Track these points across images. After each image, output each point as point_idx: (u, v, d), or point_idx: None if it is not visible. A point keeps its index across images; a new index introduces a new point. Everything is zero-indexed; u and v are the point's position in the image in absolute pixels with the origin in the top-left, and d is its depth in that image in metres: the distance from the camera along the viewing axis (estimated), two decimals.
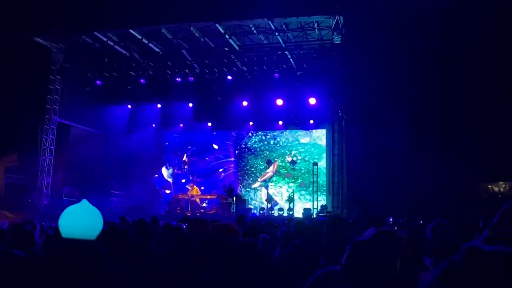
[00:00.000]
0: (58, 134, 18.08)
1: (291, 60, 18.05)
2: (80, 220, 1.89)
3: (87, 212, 1.93)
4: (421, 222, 7.44)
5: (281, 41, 16.70)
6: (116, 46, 17.90)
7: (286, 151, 20.98)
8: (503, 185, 15.76)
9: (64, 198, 17.69)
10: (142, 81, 19.39)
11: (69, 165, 18.81)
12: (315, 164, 19.04)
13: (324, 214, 15.81)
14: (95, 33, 16.61)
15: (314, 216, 16.34)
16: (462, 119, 14.46)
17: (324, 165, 19.94)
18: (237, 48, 17.26)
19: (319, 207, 17.65)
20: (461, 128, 14.41)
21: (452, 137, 14.47)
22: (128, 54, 18.54)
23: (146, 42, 17.43)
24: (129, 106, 20.79)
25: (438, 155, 13.97)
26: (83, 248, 1.82)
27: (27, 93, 16.07)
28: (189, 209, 17.70)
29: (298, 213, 17.87)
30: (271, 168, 20.84)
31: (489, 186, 15.66)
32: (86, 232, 1.86)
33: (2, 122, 15.31)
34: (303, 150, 20.76)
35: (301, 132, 20.80)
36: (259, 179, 21.04)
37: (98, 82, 19.07)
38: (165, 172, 22.44)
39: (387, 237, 2.03)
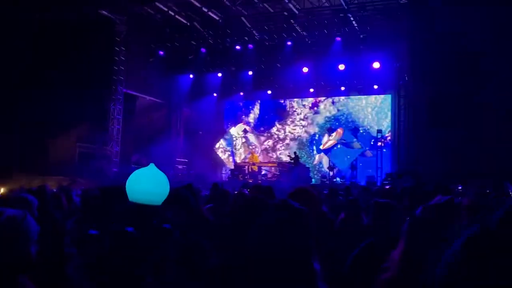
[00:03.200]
0: (125, 104, 18.74)
1: (353, 22, 17.31)
2: (147, 184, 1.86)
3: (154, 177, 1.90)
4: (487, 191, 7.06)
5: (343, 2, 16.02)
6: (177, 16, 18.06)
7: (349, 118, 20.46)
8: None
9: (133, 166, 18.45)
10: (203, 50, 19.51)
11: (136, 134, 19.53)
12: (379, 131, 18.44)
13: (389, 181, 15.37)
14: (156, 3, 16.80)
15: (379, 184, 15.94)
16: None
17: (389, 132, 19.28)
18: (297, 12, 16.79)
19: (383, 175, 17.19)
20: None
21: None
22: (188, 24, 18.67)
23: (206, 10, 17.41)
24: (191, 76, 21.08)
25: (508, 122, 13.00)
26: (149, 214, 1.78)
27: (94, 65, 16.65)
28: (251, 176, 17.87)
29: (361, 181, 17.52)
30: (333, 135, 20.47)
31: None
32: (152, 197, 1.83)
33: (73, 94, 16.05)
34: (366, 116, 20.14)
35: (365, 98, 20.13)
36: (321, 147, 20.77)
37: (161, 53, 19.42)
38: (226, 140, 22.75)
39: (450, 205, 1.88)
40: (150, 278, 1.66)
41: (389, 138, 19.30)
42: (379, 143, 18.26)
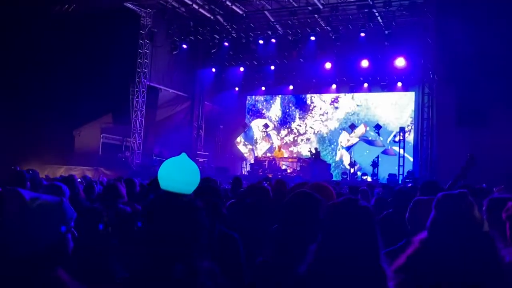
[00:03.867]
0: (148, 96, 18.91)
1: (378, 18, 17.09)
2: (179, 173, 1.89)
3: (185, 166, 1.93)
4: None
5: None
6: (200, 9, 18.11)
7: (369, 115, 20.25)
8: None
9: (155, 158, 18.67)
10: (226, 44, 19.53)
11: (158, 126, 19.73)
12: (402, 129, 18.21)
13: (410, 180, 15.20)
14: None
15: (400, 182, 15.78)
16: None
17: (412, 130, 19.03)
18: (321, 7, 16.64)
19: (405, 173, 16.99)
20: None
21: None
22: (212, 17, 18.69)
23: (230, 4, 17.41)
24: (213, 70, 21.15)
25: None
26: (180, 202, 1.78)
27: (119, 57, 16.86)
28: (270, 171, 17.88)
29: (383, 179, 17.35)
30: (356, 131, 20.30)
31: None
32: (184, 186, 1.86)
33: (97, 85, 16.29)
34: (387, 113, 19.89)
35: (388, 95, 19.88)
36: (343, 144, 20.63)
37: (184, 46, 19.52)
38: (247, 134, 22.80)
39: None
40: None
41: (411, 136, 19.03)
42: (397, 139, 18.02)
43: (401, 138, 17.67)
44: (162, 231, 1.66)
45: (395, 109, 19.71)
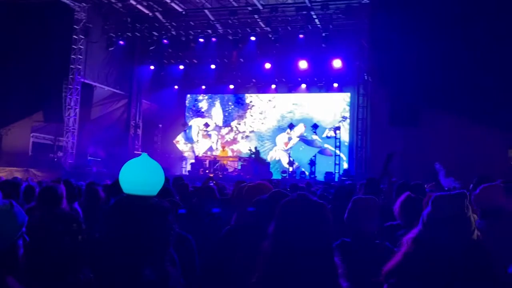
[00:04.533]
0: (82, 94, 18.15)
1: (316, 20, 17.55)
2: (142, 175, 1.82)
3: (148, 167, 1.87)
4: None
5: (306, 0, 16.20)
6: (138, 6, 17.68)
7: (306, 115, 20.73)
8: None
9: (89, 158, 17.98)
10: (165, 41, 19.19)
11: (93, 125, 19.01)
12: (338, 128, 18.82)
13: (347, 178, 15.76)
14: None
15: (336, 180, 16.30)
16: (491, 84, 13.94)
17: (348, 129, 19.71)
18: (261, 7, 16.82)
19: (341, 171, 17.58)
20: (490, 94, 13.92)
21: (480, 103, 14.02)
22: (150, 14, 18.31)
23: (169, 1, 17.14)
24: (152, 67, 20.71)
25: (465, 120, 13.63)
26: (147, 204, 1.72)
27: (51, 53, 16.08)
28: (211, 170, 17.81)
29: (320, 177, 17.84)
30: (294, 131, 20.68)
31: None
32: (149, 188, 1.79)
33: (27, 82, 15.43)
34: (324, 113, 20.46)
35: (325, 95, 20.45)
36: (283, 146, 20.93)
37: (121, 43, 18.95)
38: (187, 134, 22.54)
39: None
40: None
41: (345, 134, 19.70)
42: (329, 134, 18.59)
43: (335, 135, 18.26)
44: (128, 236, 1.59)
45: (330, 108, 20.31)
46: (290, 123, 20.76)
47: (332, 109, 20.30)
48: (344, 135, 19.47)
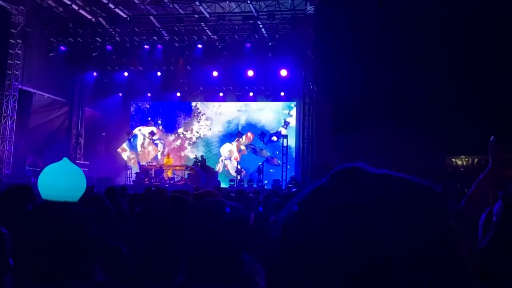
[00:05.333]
0: (20, 101, 17.30)
1: (263, 30, 17.77)
2: (62, 180, 1.71)
3: (69, 172, 1.77)
4: None
5: (253, 9, 16.37)
6: (81, 11, 17.15)
7: (256, 123, 20.89)
8: (466, 159, 16.35)
9: (27, 168, 17.14)
10: (109, 47, 18.70)
11: (32, 134, 18.13)
12: (285, 137, 19.08)
13: (293, 185, 15.98)
14: None
15: (283, 187, 16.48)
16: (430, 93, 14.68)
17: (294, 138, 20.03)
18: (208, 15, 16.82)
19: (287, 179, 17.81)
20: (429, 102, 14.65)
21: (420, 111, 14.71)
22: (93, 19, 17.81)
23: (113, 7, 16.74)
24: (95, 74, 20.12)
25: (405, 129, 14.21)
26: (65, 211, 1.60)
27: None
28: (157, 179, 17.49)
29: (267, 185, 17.99)
30: (243, 139, 20.75)
31: (453, 159, 16.17)
32: (68, 193, 1.70)
33: None
34: (270, 122, 20.71)
35: (272, 104, 20.71)
36: (233, 158, 20.90)
37: (62, 48, 18.29)
38: (132, 142, 22.03)
39: None
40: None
41: (291, 141, 20.02)
42: (284, 148, 18.89)
43: (277, 140, 18.56)
44: (45, 245, 1.49)
45: (275, 115, 20.62)
46: (237, 131, 20.81)
47: (276, 116, 20.62)
48: (290, 142, 19.76)
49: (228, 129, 21.09)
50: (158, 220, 2.24)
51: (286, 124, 20.36)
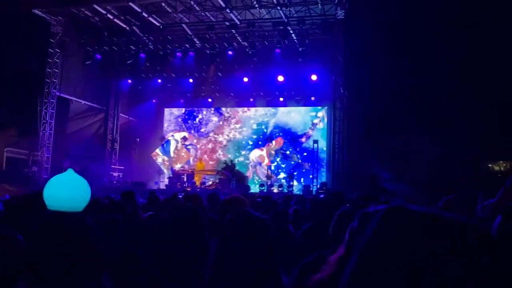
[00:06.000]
0: (58, 108, 17.96)
1: (293, 35, 17.81)
2: (66, 191, 1.76)
3: (73, 183, 1.81)
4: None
5: (283, 15, 16.44)
6: (115, 20, 17.66)
7: (285, 128, 20.88)
8: (504, 165, 15.84)
9: None
10: (142, 55, 19.18)
11: (69, 140, 18.76)
12: (316, 142, 18.99)
13: (323, 191, 15.87)
14: (94, 5, 16.34)
15: (314, 193, 16.39)
16: (465, 98, 14.30)
17: (325, 143, 19.91)
18: (238, 22, 17.00)
19: (318, 185, 17.70)
20: (464, 107, 14.27)
21: (455, 116, 14.35)
22: (128, 28, 18.30)
23: (146, 15, 17.17)
24: (129, 81, 20.64)
25: (440, 134, 13.89)
26: (68, 221, 1.63)
27: (27, 66, 15.88)
28: (189, 184, 17.73)
29: (299, 190, 17.94)
30: (273, 144, 20.78)
31: (490, 165, 15.69)
32: (72, 204, 1.74)
33: (1, 96, 15.19)
34: (301, 127, 20.66)
35: (303, 109, 20.67)
36: (256, 157, 20.98)
37: (98, 56, 18.86)
38: (165, 147, 22.43)
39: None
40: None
41: (322, 145, 19.91)
42: (314, 153, 18.80)
43: (307, 141, 18.47)
44: (51, 253, 1.53)
45: (310, 123, 20.55)
46: (268, 136, 20.85)
47: (304, 118, 20.60)
48: (321, 146, 19.66)
49: (257, 133, 21.17)
50: (163, 230, 2.27)
51: (314, 125, 20.32)
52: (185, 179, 18.21)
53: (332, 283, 1.79)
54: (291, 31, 17.51)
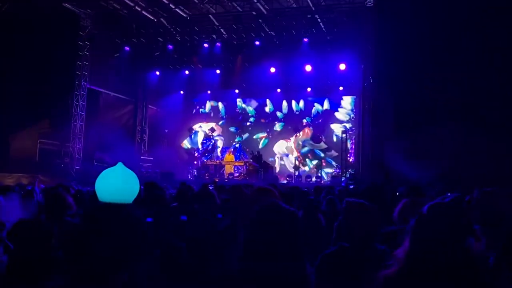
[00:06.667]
0: (89, 100, 18.30)
1: (321, 24, 17.53)
2: (117, 183, 1.84)
3: (123, 175, 1.88)
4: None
5: (311, 4, 16.18)
6: (143, 12, 17.77)
7: (313, 117, 20.72)
8: None
9: (96, 163, 18.05)
10: (170, 47, 19.28)
11: (100, 131, 19.10)
12: (344, 132, 18.76)
13: (352, 182, 15.67)
14: None
15: (343, 184, 16.22)
16: (499, 90, 13.78)
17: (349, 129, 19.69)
18: (265, 12, 16.84)
19: (347, 175, 17.50)
20: (497, 100, 13.76)
21: (487, 108, 13.87)
22: (155, 20, 18.40)
23: (173, 7, 17.20)
24: (157, 73, 20.81)
25: (475, 128, 13.43)
26: (120, 212, 1.71)
27: (57, 59, 16.18)
28: (217, 175, 17.83)
29: (326, 181, 17.79)
30: (300, 135, 20.66)
31: None
32: (123, 196, 1.81)
33: (34, 89, 15.56)
34: (330, 116, 20.45)
35: (329, 98, 20.44)
36: (281, 151, 20.90)
37: (127, 48, 19.07)
38: (193, 138, 22.59)
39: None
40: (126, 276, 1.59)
41: (353, 138, 19.67)
42: (343, 143, 18.58)
43: (344, 141, 18.20)
44: (102, 242, 1.59)
45: (339, 113, 20.32)
46: (296, 126, 20.72)
47: (338, 112, 20.34)
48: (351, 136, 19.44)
49: (287, 125, 21.10)
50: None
51: (352, 118, 20.08)
52: (213, 170, 18.32)
53: (402, 278, 1.73)
54: (319, 20, 17.24)
